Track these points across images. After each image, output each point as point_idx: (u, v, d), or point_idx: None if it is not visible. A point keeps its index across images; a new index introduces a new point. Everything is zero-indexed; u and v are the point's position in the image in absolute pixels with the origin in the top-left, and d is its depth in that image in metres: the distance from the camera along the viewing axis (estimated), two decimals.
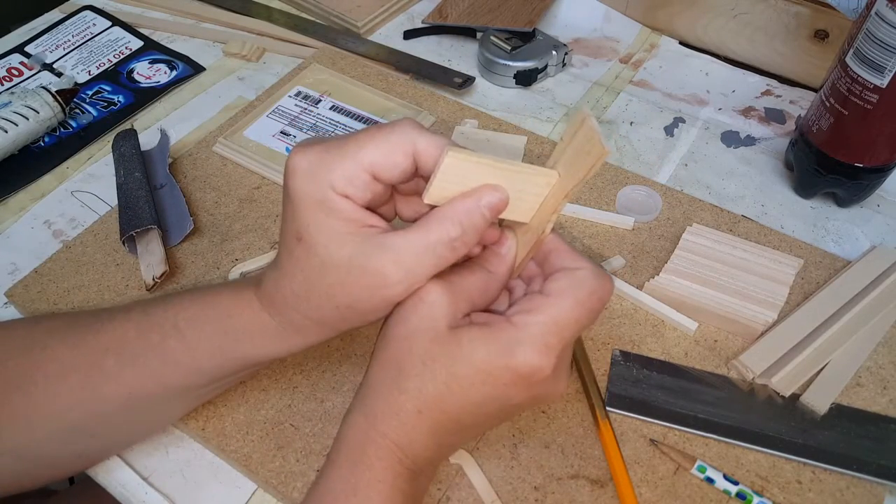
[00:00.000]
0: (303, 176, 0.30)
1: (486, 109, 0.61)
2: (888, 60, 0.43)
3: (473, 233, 0.30)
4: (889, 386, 0.42)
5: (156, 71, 0.65)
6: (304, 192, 0.30)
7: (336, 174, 0.29)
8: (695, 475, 0.38)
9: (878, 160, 0.49)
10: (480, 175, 0.30)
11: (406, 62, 0.65)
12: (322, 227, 0.30)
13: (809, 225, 0.53)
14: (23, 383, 0.35)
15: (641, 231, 0.50)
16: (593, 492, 0.38)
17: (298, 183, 0.30)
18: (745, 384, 0.42)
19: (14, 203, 0.55)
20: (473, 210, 0.30)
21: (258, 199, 0.53)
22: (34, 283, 0.47)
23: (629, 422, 0.41)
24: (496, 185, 0.30)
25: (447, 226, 0.29)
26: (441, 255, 0.30)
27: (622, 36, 0.69)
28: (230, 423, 0.40)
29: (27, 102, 0.57)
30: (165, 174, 0.53)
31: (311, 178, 0.30)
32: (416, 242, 0.29)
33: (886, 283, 0.46)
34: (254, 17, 0.71)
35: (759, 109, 0.62)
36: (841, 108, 0.48)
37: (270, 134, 0.57)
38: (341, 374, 0.42)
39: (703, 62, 0.67)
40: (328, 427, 0.40)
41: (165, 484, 0.39)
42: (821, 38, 0.60)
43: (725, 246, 0.47)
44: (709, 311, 0.44)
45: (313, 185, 0.30)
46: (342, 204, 0.29)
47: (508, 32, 0.65)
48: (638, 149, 0.58)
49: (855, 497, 0.38)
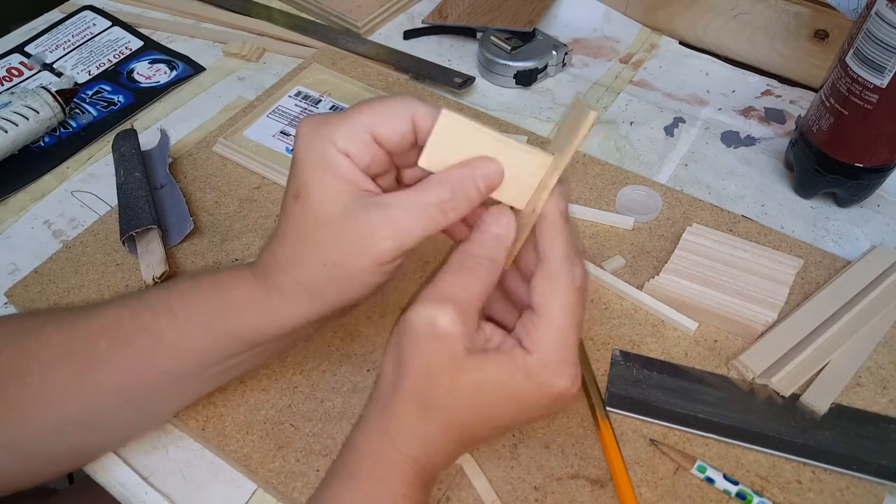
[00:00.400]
0: (306, 137, 0.31)
1: (486, 109, 0.61)
2: (888, 60, 0.43)
3: (465, 201, 0.30)
4: (889, 386, 0.42)
5: (156, 71, 0.65)
6: (306, 152, 0.30)
7: (338, 133, 0.30)
8: (695, 475, 0.38)
9: (878, 160, 0.49)
10: (477, 145, 0.30)
11: (406, 62, 0.65)
12: (320, 183, 0.30)
13: (809, 225, 0.53)
14: (18, 373, 0.35)
15: (641, 231, 0.51)
16: (593, 492, 0.38)
17: (301, 145, 0.31)
18: (745, 384, 0.42)
19: (14, 203, 0.55)
20: (467, 178, 0.30)
21: (258, 199, 0.53)
22: (34, 283, 0.47)
23: (629, 422, 0.41)
24: (492, 157, 0.30)
25: (439, 190, 0.30)
26: (432, 216, 0.30)
27: (622, 36, 0.69)
28: (230, 423, 0.40)
29: (27, 102, 0.57)
30: (165, 174, 0.53)
31: (313, 138, 0.30)
32: (407, 202, 0.30)
33: (886, 283, 0.46)
34: (254, 17, 0.71)
35: (759, 109, 0.62)
36: (841, 108, 0.48)
37: (270, 134, 0.57)
38: (341, 374, 0.42)
39: (703, 62, 0.67)
40: (328, 427, 0.40)
41: (165, 484, 0.39)
42: (821, 38, 0.60)
43: (725, 246, 0.47)
44: (709, 311, 0.44)
45: (315, 144, 0.30)
46: (341, 161, 0.30)
47: (508, 32, 0.65)
48: (638, 149, 0.58)
49: (855, 497, 0.38)
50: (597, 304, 0.46)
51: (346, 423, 0.40)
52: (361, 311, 0.45)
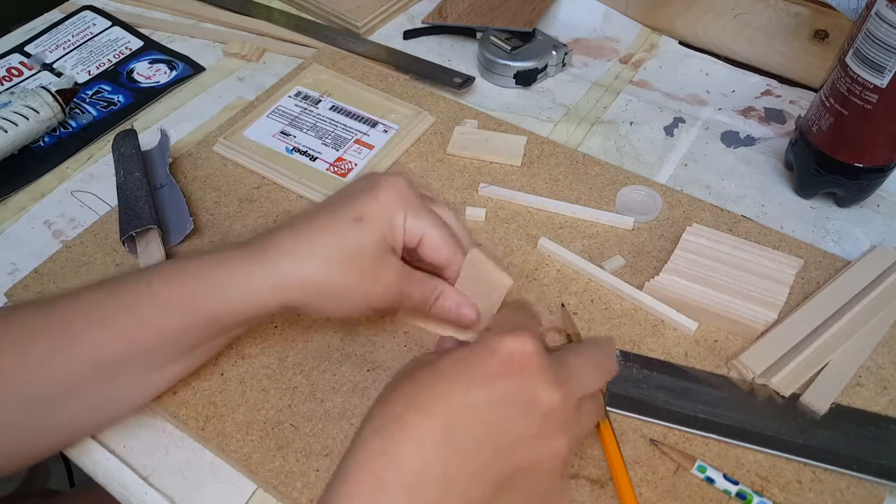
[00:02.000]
0: (403, 191, 0.38)
1: (486, 109, 0.61)
2: (888, 60, 0.43)
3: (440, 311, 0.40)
4: (889, 386, 0.42)
5: (156, 71, 0.65)
6: (397, 200, 0.38)
7: (418, 215, 0.38)
8: (695, 475, 0.38)
9: (878, 160, 0.49)
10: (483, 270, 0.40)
11: (406, 62, 0.65)
12: (382, 226, 0.37)
13: (809, 225, 0.53)
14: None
15: (641, 231, 0.51)
16: (593, 492, 0.38)
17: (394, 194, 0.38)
18: (745, 384, 0.42)
19: (14, 203, 0.55)
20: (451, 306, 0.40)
21: (258, 199, 0.53)
22: (34, 283, 0.47)
23: (629, 422, 0.41)
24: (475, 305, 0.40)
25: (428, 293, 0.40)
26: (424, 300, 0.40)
27: (622, 36, 0.69)
28: (230, 423, 0.40)
29: (27, 102, 0.57)
30: (165, 174, 0.53)
31: (407, 199, 0.38)
32: (420, 278, 0.40)
33: (886, 283, 0.46)
34: (254, 17, 0.71)
35: (759, 109, 0.62)
36: (841, 108, 0.48)
37: (270, 134, 0.57)
38: (341, 374, 0.42)
39: (703, 62, 0.67)
40: (328, 427, 0.40)
41: (165, 484, 0.39)
42: (821, 38, 0.60)
43: (725, 246, 0.47)
44: (709, 311, 0.44)
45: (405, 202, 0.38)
46: (402, 226, 0.38)
47: (508, 32, 0.65)
48: (638, 149, 0.58)
49: (855, 497, 0.38)
50: (597, 304, 0.46)
51: (346, 423, 0.40)
52: None
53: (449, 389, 0.29)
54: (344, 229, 0.36)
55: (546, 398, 0.30)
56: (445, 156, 0.56)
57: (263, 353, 0.43)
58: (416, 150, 0.56)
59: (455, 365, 0.30)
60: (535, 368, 0.30)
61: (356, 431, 0.30)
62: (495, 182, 0.54)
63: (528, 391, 0.30)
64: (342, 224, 0.37)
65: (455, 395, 0.29)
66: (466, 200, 0.52)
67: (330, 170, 0.55)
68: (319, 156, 0.56)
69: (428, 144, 0.57)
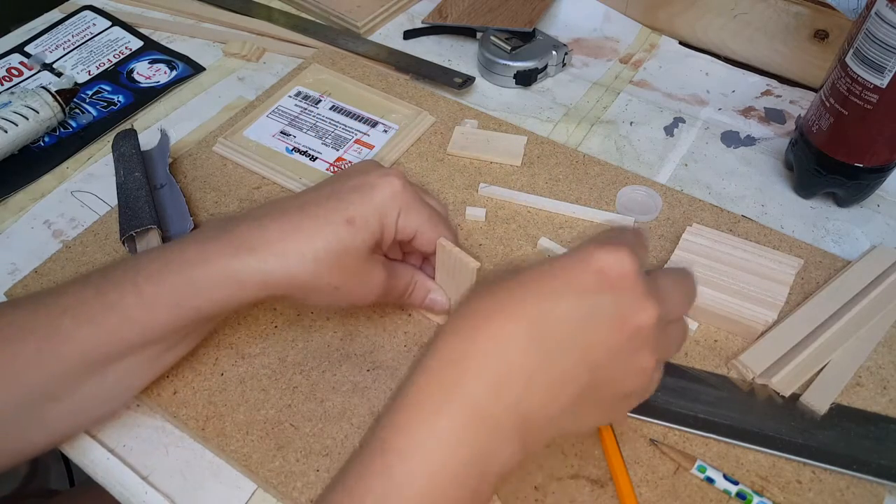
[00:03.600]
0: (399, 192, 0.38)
1: (486, 109, 0.61)
2: (888, 60, 0.43)
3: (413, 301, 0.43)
4: (889, 386, 0.42)
5: (156, 71, 0.65)
6: (392, 201, 0.38)
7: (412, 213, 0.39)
8: (695, 475, 0.38)
9: (878, 160, 0.49)
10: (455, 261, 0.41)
11: (406, 62, 0.65)
12: (373, 227, 0.38)
13: (809, 225, 0.53)
14: None
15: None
16: (593, 492, 0.38)
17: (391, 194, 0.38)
18: (745, 384, 0.42)
19: (14, 203, 0.55)
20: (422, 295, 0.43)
21: (258, 200, 0.53)
22: (34, 283, 0.47)
23: (629, 422, 0.41)
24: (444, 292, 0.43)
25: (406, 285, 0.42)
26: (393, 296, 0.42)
27: (622, 36, 0.69)
28: (230, 423, 0.40)
29: (27, 102, 0.57)
30: (165, 174, 0.53)
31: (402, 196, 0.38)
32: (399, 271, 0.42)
33: (886, 283, 0.46)
34: (254, 17, 0.71)
35: (759, 109, 0.62)
36: (841, 108, 0.48)
37: (270, 134, 0.57)
38: (341, 374, 0.42)
39: (703, 62, 0.67)
40: (328, 427, 0.40)
41: (165, 484, 0.39)
42: (821, 38, 0.60)
43: (725, 246, 0.47)
44: (709, 311, 0.44)
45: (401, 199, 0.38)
46: (394, 225, 0.39)
47: (508, 32, 0.65)
48: (638, 149, 0.58)
49: (855, 497, 0.38)
50: None
51: (346, 423, 0.40)
52: (361, 311, 0.45)
53: (535, 299, 0.29)
54: (335, 231, 0.37)
55: (640, 316, 0.29)
56: (445, 156, 0.56)
57: (263, 353, 0.43)
58: (416, 150, 0.56)
59: (540, 277, 0.30)
60: (629, 286, 0.29)
61: (428, 341, 0.30)
62: (495, 182, 0.54)
63: (621, 308, 0.29)
64: (333, 225, 0.37)
65: (542, 303, 0.29)
66: (466, 200, 0.52)
67: (330, 170, 0.55)
68: (319, 156, 0.56)
69: (428, 144, 0.57)
